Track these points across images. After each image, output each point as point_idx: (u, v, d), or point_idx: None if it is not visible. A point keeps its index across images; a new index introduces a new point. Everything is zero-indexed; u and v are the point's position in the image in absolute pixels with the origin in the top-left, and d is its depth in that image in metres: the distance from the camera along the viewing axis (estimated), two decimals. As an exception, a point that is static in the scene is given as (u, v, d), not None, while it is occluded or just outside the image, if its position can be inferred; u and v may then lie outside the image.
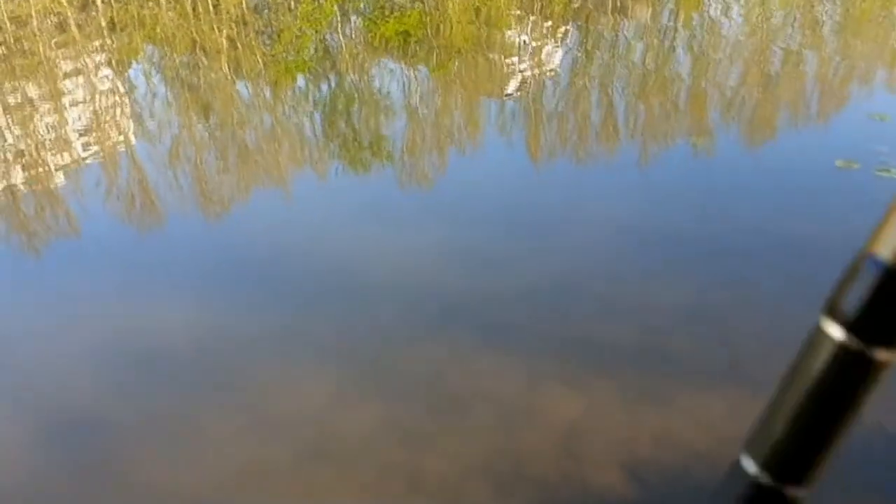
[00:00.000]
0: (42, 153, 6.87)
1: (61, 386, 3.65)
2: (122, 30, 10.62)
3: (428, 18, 10.41)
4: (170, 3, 11.56)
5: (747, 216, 4.80)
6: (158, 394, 3.52)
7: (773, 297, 3.90)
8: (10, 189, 6.25)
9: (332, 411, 3.29)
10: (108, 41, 10.15)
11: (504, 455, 2.95)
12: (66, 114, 7.64)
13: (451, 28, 10.03)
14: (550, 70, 8.33)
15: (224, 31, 10.28)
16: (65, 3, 11.47)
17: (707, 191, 5.25)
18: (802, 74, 8.01)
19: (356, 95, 8.02)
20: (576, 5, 10.78)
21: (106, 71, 9.00)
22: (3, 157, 6.84)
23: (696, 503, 2.58)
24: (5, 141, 7.13)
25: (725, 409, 3.11)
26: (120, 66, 9.19)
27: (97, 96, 8.11)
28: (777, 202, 4.99)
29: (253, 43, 9.88)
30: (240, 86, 8.50)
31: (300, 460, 3.02)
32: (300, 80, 8.61)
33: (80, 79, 8.56)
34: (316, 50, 9.70)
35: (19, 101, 8.03)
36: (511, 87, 7.95)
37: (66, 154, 6.85)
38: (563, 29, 9.78)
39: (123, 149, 7.00)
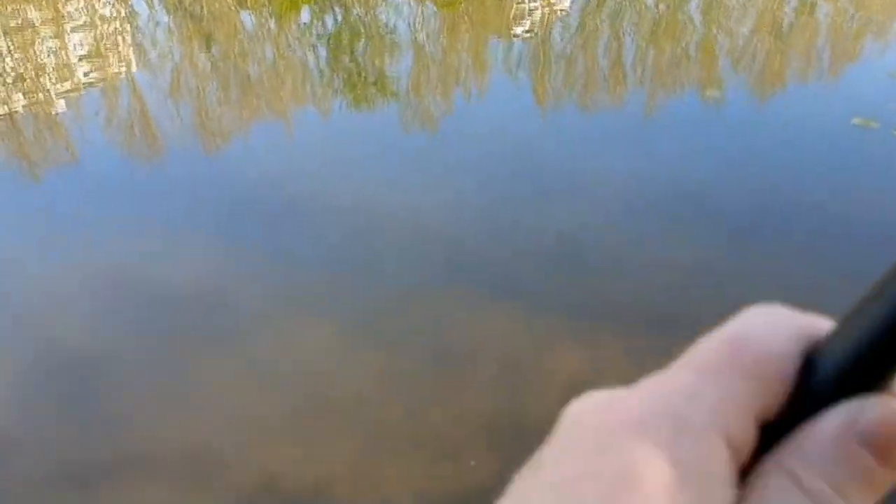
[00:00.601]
0: (42, 78, 6.78)
1: (55, 314, 3.66)
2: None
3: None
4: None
5: (756, 172, 4.73)
6: (154, 328, 3.53)
7: (782, 256, 3.88)
8: (11, 114, 6.18)
9: (330, 356, 3.30)
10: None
11: (506, 408, 2.97)
12: (67, 39, 7.52)
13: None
14: (561, 10, 8.16)
15: (229, -42, 10.04)
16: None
17: (715, 143, 5.18)
18: (819, 27, 7.84)
19: (362, 30, 7.88)
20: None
21: (108, -4, 8.82)
22: (3, 81, 6.75)
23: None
24: (5, 65, 7.03)
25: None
26: (123, -9, 9.00)
27: (99, 23, 7.97)
28: (788, 158, 4.89)
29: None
30: (244, 16, 8.34)
31: (299, 409, 3.04)
32: (305, 13, 8.44)
33: (82, 3, 8.39)
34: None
35: (20, 23, 7.89)
36: (520, 27, 7.79)
37: (66, 80, 6.76)
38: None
39: (124, 77, 6.90)
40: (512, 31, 7.65)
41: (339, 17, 8.27)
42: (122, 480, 2.75)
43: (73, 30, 7.72)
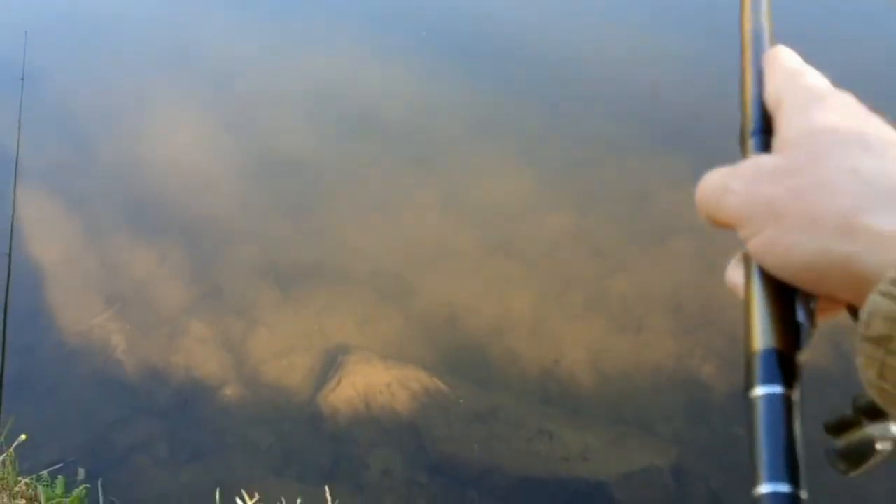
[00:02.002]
0: None
1: (272, 116, 3.84)
2: None
3: None
4: None
5: None
6: (356, 145, 3.62)
7: None
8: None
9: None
10: None
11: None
12: None
13: None
14: None
15: None
16: None
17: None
18: None
19: None
20: None
21: None
22: None
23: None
24: None
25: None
26: None
27: None
28: None
29: None
30: None
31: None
32: None
33: None
34: None
35: None
36: None
37: None
38: None
39: None
40: None
41: None
42: (321, 285, 2.92)
43: None
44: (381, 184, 3.41)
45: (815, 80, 0.37)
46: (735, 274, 0.37)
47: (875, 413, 0.36)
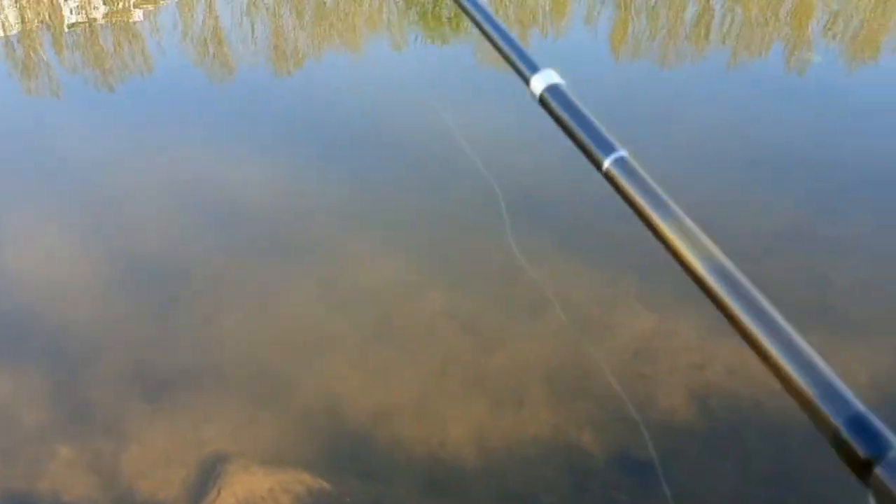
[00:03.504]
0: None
1: (125, 219, 3.73)
2: None
3: None
4: None
5: (841, 143, 4.53)
6: (221, 240, 3.57)
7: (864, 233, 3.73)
8: (90, 22, 6.25)
9: (400, 296, 3.30)
10: None
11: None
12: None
13: None
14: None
15: None
16: None
17: (798, 110, 4.96)
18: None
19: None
20: None
21: None
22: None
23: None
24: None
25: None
26: None
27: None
28: (877, 131, 4.68)
29: None
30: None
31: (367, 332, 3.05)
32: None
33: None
34: None
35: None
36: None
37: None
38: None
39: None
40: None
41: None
42: (194, 390, 2.82)
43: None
44: (253, 278, 3.36)
45: None
46: None
47: None
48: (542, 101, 0.61)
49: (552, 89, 0.61)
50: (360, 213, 3.78)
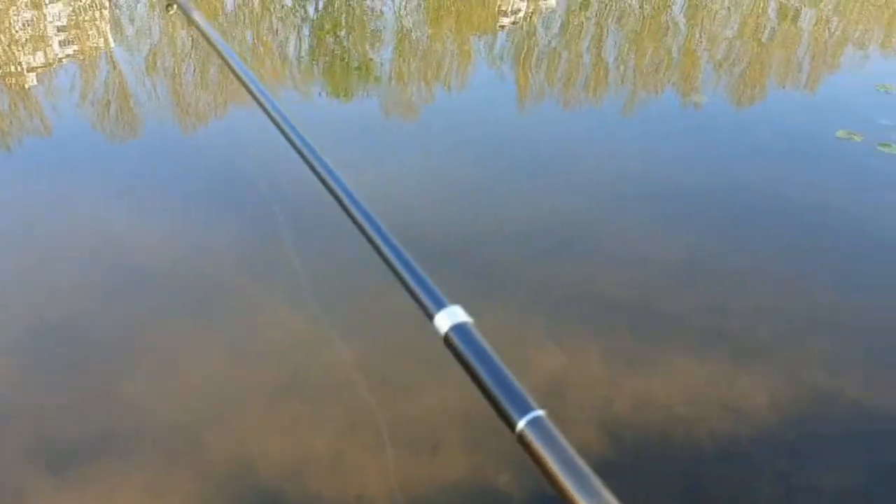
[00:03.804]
0: (17, 51, 6.64)
1: (26, 285, 3.59)
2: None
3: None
4: None
5: (734, 178, 4.75)
6: (125, 302, 3.47)
7: (763, 261, 3.90)
8: (-18, 84, 6.05)
9: (304, 347, 3.26)
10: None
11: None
12: (44, 10, 7.38)
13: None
14: (546, 6, 8.15)
15: (213, -64, 9.91)
16: None
17: (694, 147, 5.20)
18: (805, 36, 7.88)
19: (346, 15, 7.81)
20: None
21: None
22: (-25, 50, 6.60)
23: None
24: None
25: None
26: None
27: (77, -5, 7.83)
28: (767, 166, 4.91)
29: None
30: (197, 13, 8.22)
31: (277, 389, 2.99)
32: (289, -3, 8.35)
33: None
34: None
35: (-5, -7, 7.72)
36: (505, 19, 7.77)
37: (41, 53, 6.63)
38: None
39: (102, 52, 6.78)
40: (498, 23, 7.63)
41: (322, 3, 8.19)
42: (101, 459, 2.70)
43: (51, 1, 7.58)
44: (159, 339, 3.27)
45: None
46: None
47: None
48: (447, 342, 0.56)
49: (459, 329, 0.56)
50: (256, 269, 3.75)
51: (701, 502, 2.59)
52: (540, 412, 0.49)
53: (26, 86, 6.06)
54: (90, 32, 7.11)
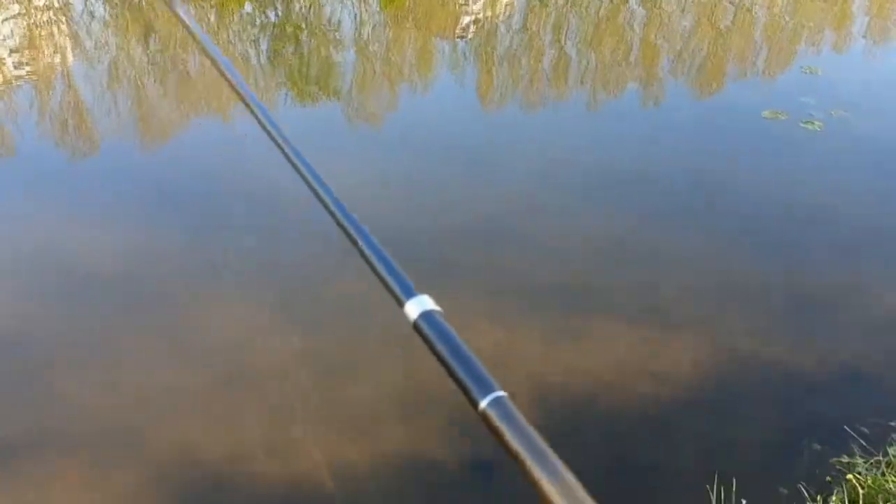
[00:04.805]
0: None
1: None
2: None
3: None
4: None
5: (674, 158, 5.03)
6: (82, 313, 3.46)
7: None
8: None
9: (250, 344, 3.28)
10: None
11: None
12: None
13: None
14: (505, 12, 8.22)
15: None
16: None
17: (647, 135, 5.40)
18: (749, 29, 8.09)
19: (305, 24, 7.81)
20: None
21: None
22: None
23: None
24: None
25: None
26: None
27: (33, 12, 7.74)
28: (701, 146, 5.24)
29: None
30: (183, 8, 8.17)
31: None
32: (247, 5, 8.33)
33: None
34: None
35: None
36: (464, 25, 7.83)
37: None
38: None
39: (59, 69, 6.71)
40: (457, 30, 7.68)
41: (282, 10, 8.18)
42: (42, 459, 2.69)
43: (4, 19, 7.48)
44: (100, 338, 3.27)
45: None
46: None
47: None
48: (416, 328, 0.60)
49: (427, 316, 0.60)
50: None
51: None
52: (502, 393, 0.53)
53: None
54: (46, 50, 7.03)
